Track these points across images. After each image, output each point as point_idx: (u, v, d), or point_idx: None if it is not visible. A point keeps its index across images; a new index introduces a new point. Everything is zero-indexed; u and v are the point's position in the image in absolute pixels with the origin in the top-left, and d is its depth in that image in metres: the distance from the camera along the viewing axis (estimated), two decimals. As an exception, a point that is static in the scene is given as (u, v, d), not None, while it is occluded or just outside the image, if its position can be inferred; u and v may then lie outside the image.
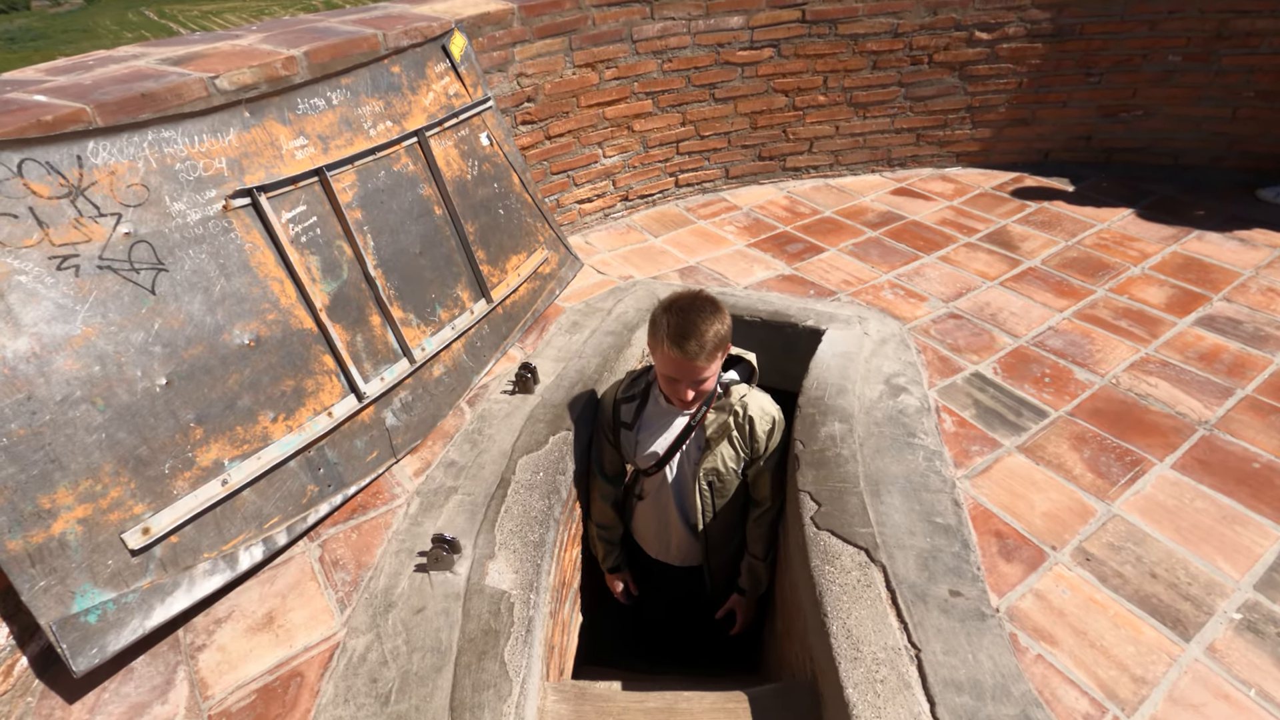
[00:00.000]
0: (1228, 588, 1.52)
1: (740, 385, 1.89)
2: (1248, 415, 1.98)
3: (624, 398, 1.95)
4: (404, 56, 2.13)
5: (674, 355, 1.64)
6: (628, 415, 1.94)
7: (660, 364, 1.72)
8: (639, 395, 1.94)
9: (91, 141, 1.42)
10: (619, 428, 1.95)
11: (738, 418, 1.86)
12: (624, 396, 1.95)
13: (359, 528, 1.77)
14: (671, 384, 1.73)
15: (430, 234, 2.13)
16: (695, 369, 1.65)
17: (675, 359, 1.64)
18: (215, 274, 1.59)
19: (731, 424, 1.86)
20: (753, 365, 1.93)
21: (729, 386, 1.87)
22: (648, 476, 1.97)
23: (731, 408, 1.85)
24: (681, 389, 1.71)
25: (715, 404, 1.85)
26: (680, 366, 1.66)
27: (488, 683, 1.37)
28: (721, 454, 1.88)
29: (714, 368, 1.69)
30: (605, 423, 2.00)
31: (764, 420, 1.87)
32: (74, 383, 1.35)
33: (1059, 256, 2.80)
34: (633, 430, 1.93)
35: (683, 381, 1.69)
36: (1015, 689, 1.32)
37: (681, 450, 1.90)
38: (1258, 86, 3.07)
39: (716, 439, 1.87)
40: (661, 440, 1.90)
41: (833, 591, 1.51)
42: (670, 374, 1.70)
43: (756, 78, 3.19)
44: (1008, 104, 3.36)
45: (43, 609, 1.29)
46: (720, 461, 1.89)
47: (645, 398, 1.93)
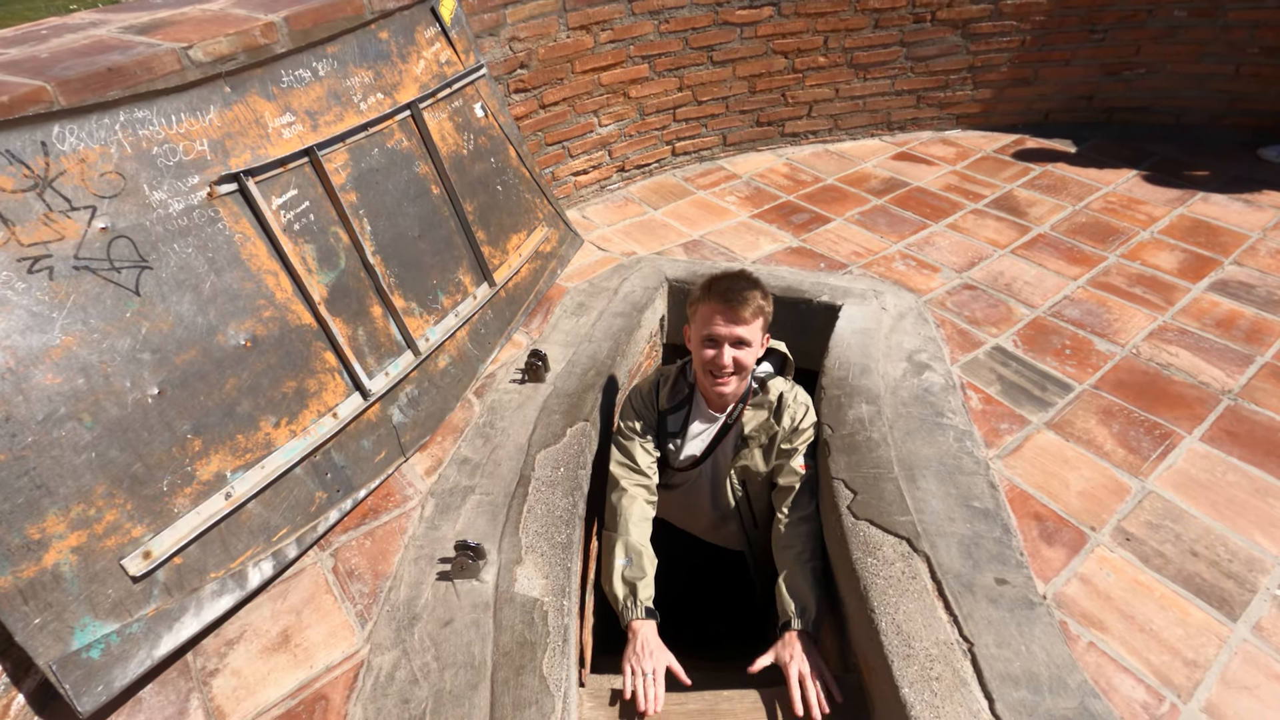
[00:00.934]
0: (1268, 563, 1.51)
1: (777, 379, 1.82)
2: (1270, 383, 1.96)
3: (670, 408, 1.83)
4: (392, 21, 1.95)
5: (718, 307, 1.58)
6: (675, 425, 1.84)
7: (699, 324, 1.64)
8: (684, 402, 1.84)
9: (56, 125, 1.26)
10: (667, 438, 1.85)
11: (773, 411, 1.78)
12: (670, 407, 1.83)
13: (372, 534, 1.67)
14: (711, 347, 1.63)
15: (428, 215, 1.99)
16: (740, 321, 1.58)
17: (720, 310, 1.58)
18: (204, 269, 1.44)
19: (772, 422, 1.78)
20: (785, 355, 1.85)
21: (765, 381, 1.79)
22: (680, 472, 1.89)
23: (770, 404, 1.78)
24: (721, 355, 1.61)
25: (752, 401, 1.78)
26: (725, 317, 1.58)
27: (529, 699, 1.30)
28: (754, 453, 1.80)
29: (756, 334, 1.62)
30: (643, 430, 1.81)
31: (797, 408, 1.79)
32: (57, 399, 1.22)
33: (1067, 222, 2.75)
34: (680, 436, 1.85)
35: (723, 343, 1.61)
36: (1071, 680, 1.29)
37: (718, 450, 1.83)
38: (1262, 42, 3.01)
39: (755, 438, 1.79)
40: (699, 442, 1.83)
41: (878, 585, 1.46)
42: (711, 332, 1.61)
43: (756, 38, 3.04)
44: (1010, 63, 3.27)
45: (40, 649, 1.18)
46: (751, 460, 1.81)
47: (690, 403, 1.83)
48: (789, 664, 1.46)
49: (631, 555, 1.63)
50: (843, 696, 1.45)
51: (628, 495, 1.73)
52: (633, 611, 1.55)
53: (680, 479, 1.91)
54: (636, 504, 1.72)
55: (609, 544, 1.69)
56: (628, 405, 1.86)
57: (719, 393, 1.69)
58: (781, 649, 1.50)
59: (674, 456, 1.86)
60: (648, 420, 1.84)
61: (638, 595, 1.57)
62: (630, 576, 1.59)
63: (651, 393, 1.86)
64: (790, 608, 1.56)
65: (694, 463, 1.84)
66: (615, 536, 1.67)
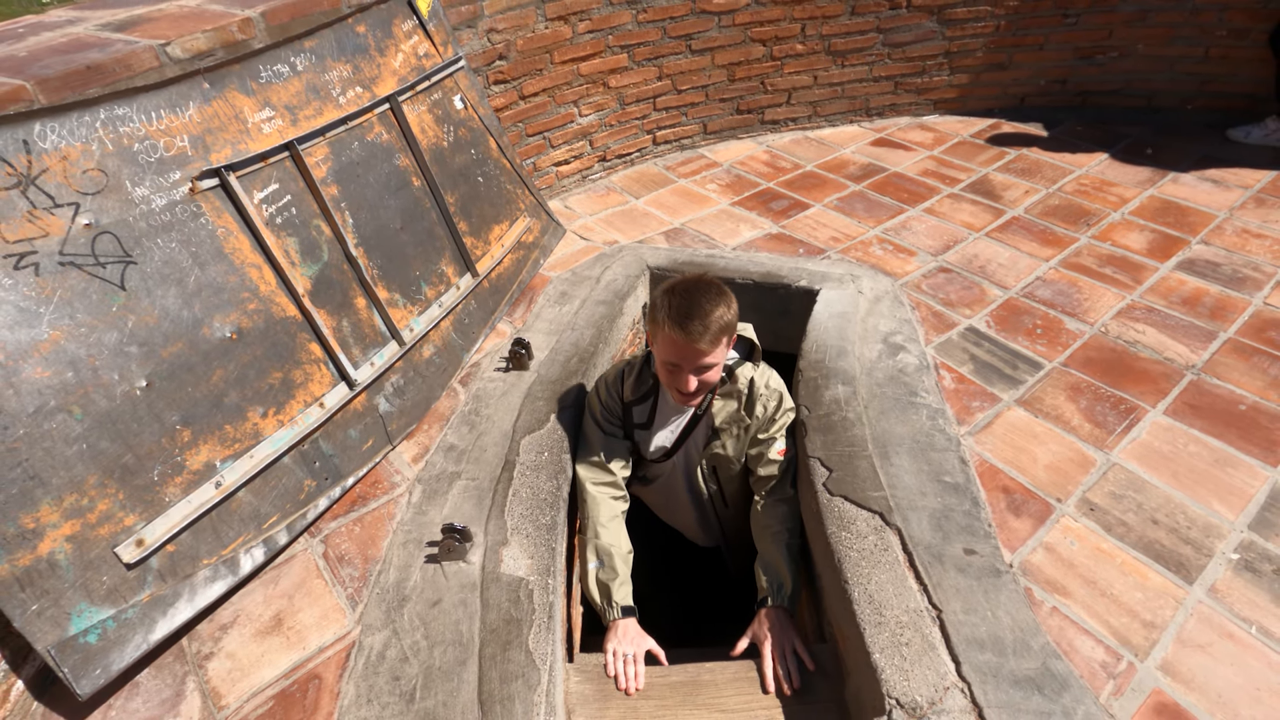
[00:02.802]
0: (1224, 529, 1.58)
1: (746, 365, 1.77)
2: (1231, 358, 2.03)
3: (635, 399, 1.80)
4: (368, 14, 1.97)
5: (676, 337, 1.51)
6: (641, 416, 1.81)
7: (661, 349, 1.58)
8: (650, 393, 1.79)
9: (38, 123, 1.28)
10: (633, 429, 1.82)
11: (744, 400, 1.75)
12: (635, 398, 1.80)
13: (361, 520, 1.71)
14: (672, 372, 1.58)
15: (410, 207, 2.02)
16: (698, 352, 1.51)
17: (677, 341, 1.51)
18: (188, 264, 1.47)
19: (742, 413, 1.75)
20: (753, 341, 1.81)
21: (733, 370, 1.75)
22: (655, 464, 1.89)
23: (739, 392, 1.75)
24: (683, 378, 1.56)
25: (721, 390, 1.75)
26: (682, 350, 1.52)
27: (515, 673, 1.35)
28: (725, 443, 1.78)
29: (719, 354, 1.56)
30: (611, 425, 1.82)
31: (770, 396, 1.76)
32: (46, 392, 1.25)
33: (1041, 204, 2.80)
34: (649, 429, 1.82)
35: (684, 368, 1.55)
36: (1034, 642, 1.35)
37: (689, 440, 1.81)
38: (1230, 25, 3.07)
39: (727, 427, 1.77)
40: (669, 433, 1.81)
41: (851, 557, 1.52)
42: (671, 359, 1.56)
43: (734, 26, 3.07)
44: (985, 48, 3.31)
45: (38, 634, 1.21)
46: (721, 449, 1.79)
47: (656, 393, 1.79)
48: (763, 641, 1.53)
49: (602, 558, 1.66)
50: (817, 664, 1.51)
51: (591, 498, 1.74)
52: (610, 613, 1.60)
53: (656, 471, 1.91)
54: (603, 504, 1.73)
55: (581, 547, 1.73)
56: (593, 397, 1.84)
57: (687, 404, 1.68)
58: (757, 626, 1.56)
59: (644, 448, 1.84)
60: (613, 412, 1.82)
61: (612, 598, 1.61)
62: (604, 579, 1.63)
63: (616, 383, 1.82)
64: (764, 583, 1.62)
65: (665, 454, 1.83)
66: (585, 540, 1.70)
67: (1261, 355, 2.02)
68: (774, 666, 1.49)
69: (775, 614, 1.56)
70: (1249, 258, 2.42)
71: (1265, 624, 1.39)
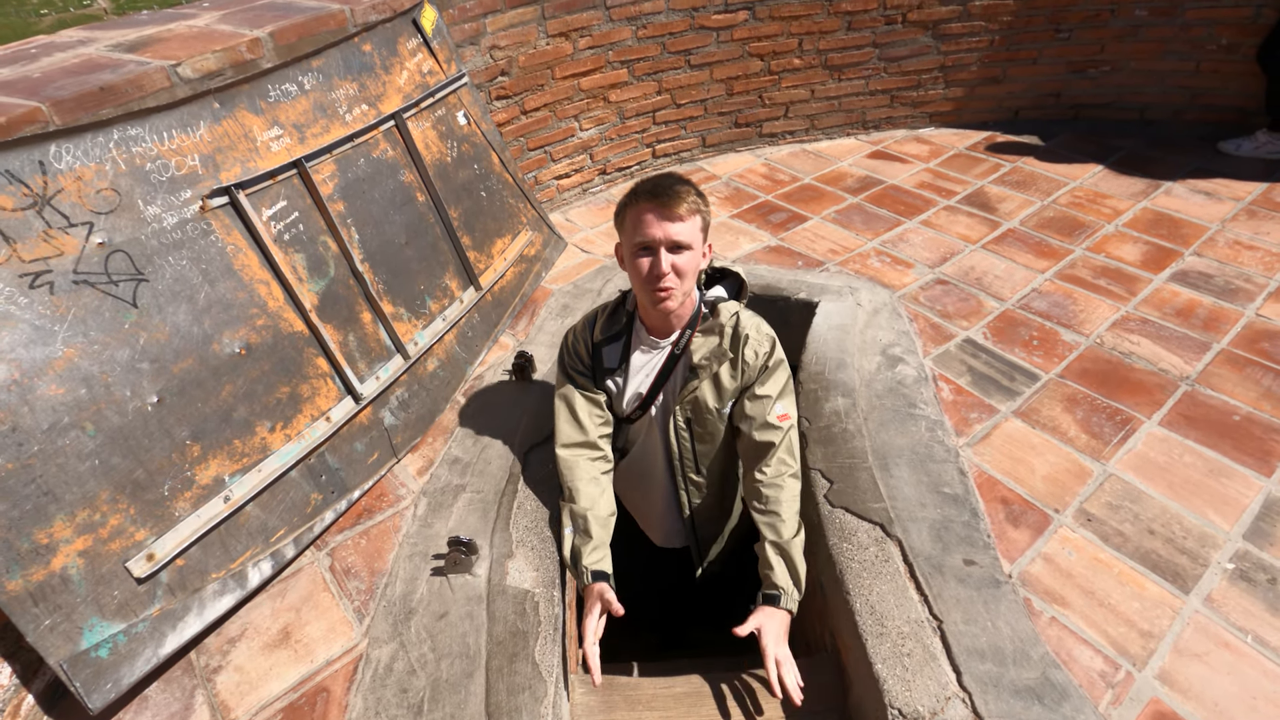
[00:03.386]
0: (1219, 539, 1.60)
1: (730, 303, 1.60)
2: (1225, 369, 2.06)
3: (605, 339, 1.62)
4: (374, 33, 2.00)
5: (646, 206, 1.39)
6: (612, 359, 1.62)
7: (631, 232, 1.44)
8: (622, 332, 1.62)
9: (53, 145, 1.31)
10: (604, 375, 1.64)
11: (727, 338, 1.57)
12: (605, 337, 1.62)
13: (367, 533, 1.73)
14: (645, 255, 1.43)
15: (414, 222, 2.04)
16: (674, 218, 1.38)
17: (648, 210, 1.39)
18: (198, 281, 1.49)
19: (725, 349, 1.57)
20: (741, 279, 1.64)
21: (716, 305, 1.58)
22: (631, 424, 1.69)
23: (721, 328, 1.56)
24: (658, 262, 1.40)
25: (702, 326, 1.57)
26: (656, 217, 1.39)
27: (522, 685, 1.37)
28: (704, 385, 1.59)
29: (694, 235, 1.42)
30: (579, 369, 1.65)
31: (759, 341, 1.57)
32: (60, 409, 1.27)
33: (1036, 217, 2.84)
34: (621, 374, 1.63)
35: (658, 247, 1.40)
36: (1034, 652, 1.37)
37: (666, 386, 1.61)
38: (1220, 40, 3.12)
39: (706, 366, 1.57)
40: (643, 377, 1.61)
41: (853, 569, 1.54)
42: (644, 238, 1.41)
43: (732, 42, 3.11)
44: (980, 62, 3.36)
45: (51, 648, 1.22)
46: (701, 393, 1.59)
47: (629, 333, 1.62)
48: (768, 648, 1.42)
49: (577, 520, 1.56)
50: (820, 675, 1.52)
51: (564, 463, 1.62)
52: (582, 579, 1.51)
53: (633, 434, 1.73)
54: (578, 466, 1.61)
55: (560, 515, 1.62)
56: (563, 347, 1.68)
57: (664, 309, 1.48)
58: (766, 628, 1.44)
59: (618, 400, 1.65)
60: (581, 358, 1.65)
61: (580, 563, 1.51)
62: (577, 544, 1.54)
63: (585, 328, 1.66)
64: (781, 581, 1.49)
65: (641, 404, 1.63)
66: (563, 505, 1.61)
67: (1255, 366, 2.05)
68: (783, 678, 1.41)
69: (786, 621, 1.47)
70: (1241, 269, 2.46)
71: (1261, 633, 1.41)
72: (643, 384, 1.62)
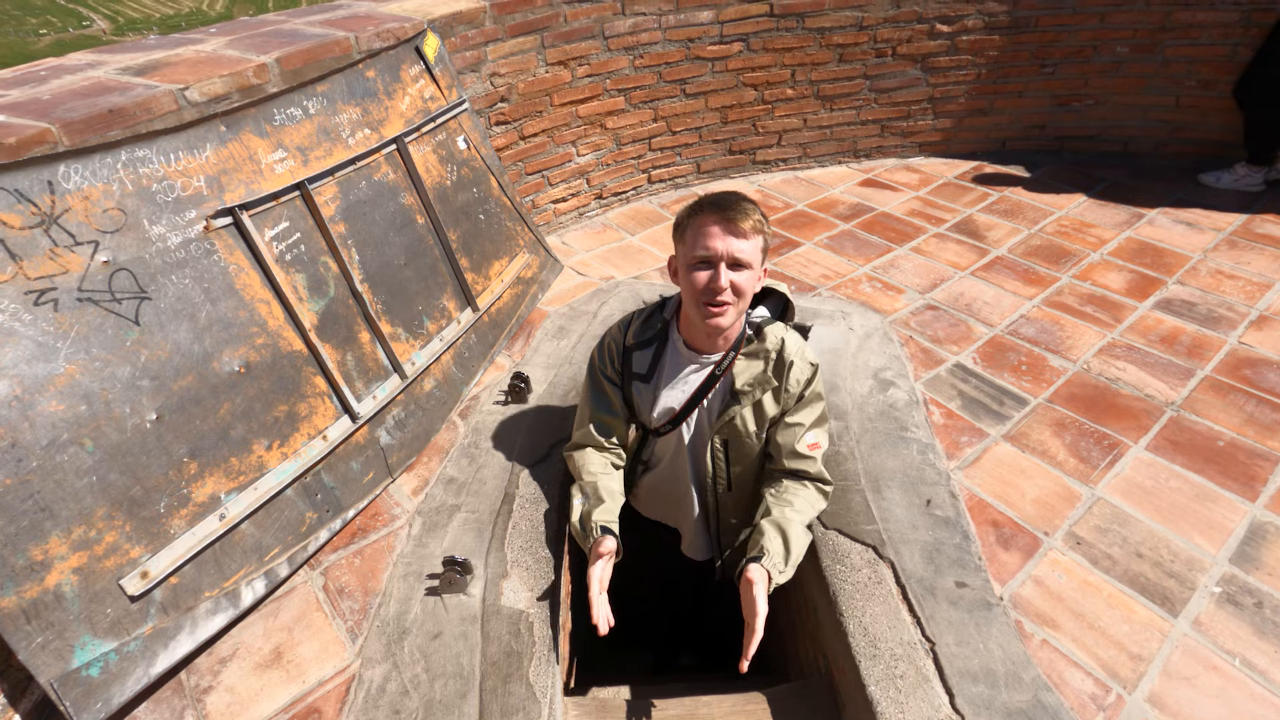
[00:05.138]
0: (1206, 563, 1.62)
1: (776, 324, 1.56)
2: (1209, 395, 2.10)
3: (637, 343, 1.59)
4: (378, 60, 2.05)
5: (711, 219, 1.36)
6: (641, 365, 1.58)
7: (691, 245, 1.40)
8: (655, 339, 1.58)
9: (62, 165, 1.33)
10: (631, 380, 1.61)
11: (773, 363, 1.52)
12: (637, 342, 1.59)
13: (361, 552, 1.73)
14: (704, 268, 1.39)
15: (414, 244, 2.07)
16: (738, 234, 1.36)
17: (713, 224, 1.36)
18: (200, 299, 1.51)
19: (769, 375, 1.52)
20: (787, 298, 1.61)
21: (761, 327, 1.53)
22: (660, 438, 1.64)
23: (767, 353, 1.52)
24: (718, 277, 1.36)
25: (745, 349, 1.53)
26: (722, 231, 1.36)
27: (516, 706, 1.36)
28: (743, 412, 1.54)
29: (755, 255, 1.39)
30: (608, 373, 1.63)
31: (802, 368, 1.53)
32: (60, 425, 1.27)
33: (1023, 245, 2.90)
34: (649, 383, 1.58)
35: (719, 262, 1.37)
36: (1026, 675, 1.39)
37: (702, 405, 1.57)
38: (1199, 76, 3.22)
39: (748, 393, 1.53)
40: (678, 393, 1.57)
41: (846, 590, 1.55)
42: (704, 251, 1.37)
43: (726, 72, 3.19)
44: (967, 95, 3.45)
45: (42, 667, 1.21)
46: (739, 420, 1.55)
47: (664, 340, 1.58)
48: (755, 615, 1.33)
49: (586, 490, 1.57)
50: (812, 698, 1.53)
51: (573, 459, 1.66)
52: (591, 534, 1.48)
53: (660, 450, 1.68)
54: (591, 456, 1.64)
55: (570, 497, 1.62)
56: (595, 349, 1.66)
57: (714, 325, 1.43)
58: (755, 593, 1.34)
59: (645, 410, 1.60)
60: (613, 364, 1.62)
61: (590, 520, 1.50)
62: (586, 509, 1.53)
63: (620, 331, 1.62)
64: (770, 545, 1.42)
65: (672, 419, 1.59)
66: (573, 488, 1.61)
67: (1238, 393, 2.09)
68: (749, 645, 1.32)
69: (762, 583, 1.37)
70: (1223, 298, 2.51)
71: (1248, 656, 1.43)
72: (676, 399, 1.57)
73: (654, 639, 2.80)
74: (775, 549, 1.43)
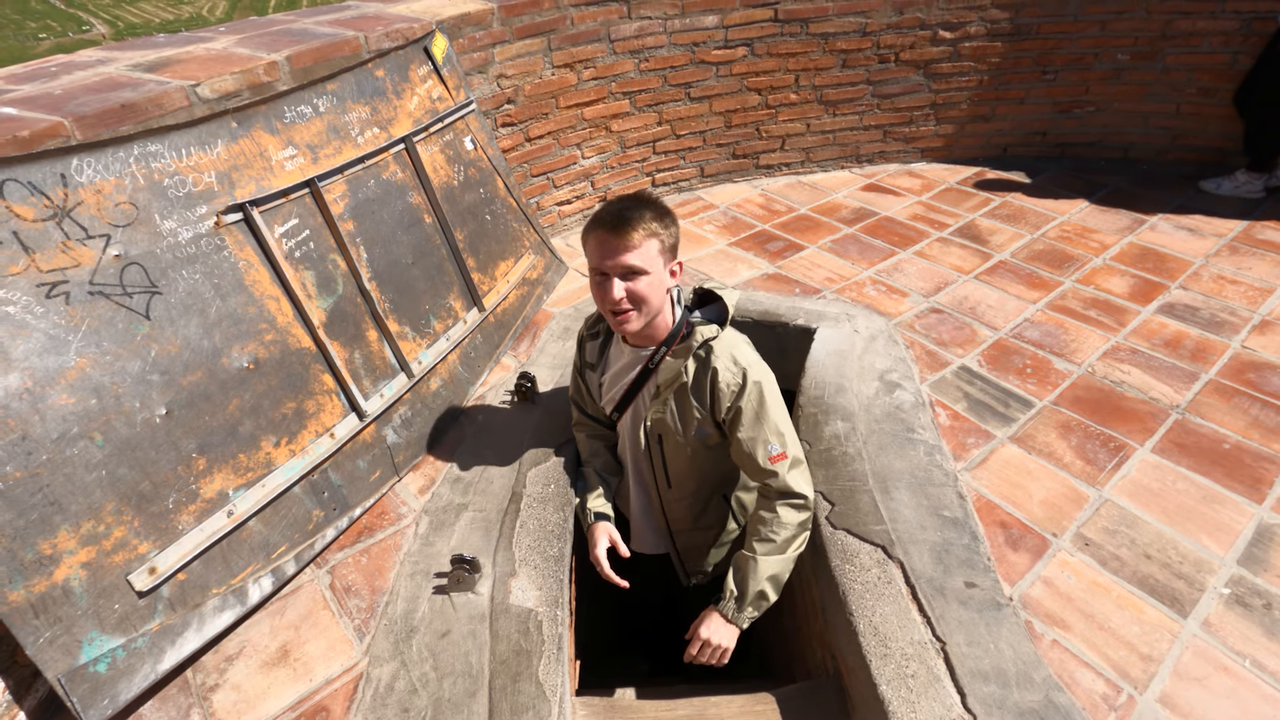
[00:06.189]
0: (1215, 565, 1.62)
1: (709, 326, 1.54)
2: (1214, 398, 2.10)
3: (589, 334, 1.71)
4: (387, 60, 2.05)
5: (598, 235, 1.39)
6: (592, 355, 1.70)
7: (588, 258, 1.45)
8: (603, 331, 1.68)
9: (75, 158, 1.33)
10: (584, 368, 1.74)
11: (697, 363, 1.53)
12: (589, 333, 1.71)
13: (368, 551, 1.72)
14: (599, 283, 1.42)
15: (421, 243, 2.07)
16: (625, 248, 1.36)
17: (599, 239, 1.39)
18: (210, 295, 1.51)
19: (687, 372, 1.53)
20: (726, 305, 1.59)
21: (695, 327, 1.54)
22: (617, 424, 1.75)
23: (692, 351, 1.53)
24: (609, 287, 1.38)
25: (676, 346, 1.54)
26: (605, 247, 1.38)
27: (526, 704, 1.35)
28: (669, 408, 1.57)
29: (651, 260, 1.39)
30: (575, 361, 1.81)
31: (730, 373, 1.50)
32: (70, 419, 1.26)
33: (1026, 249, 2.91)
34: (596, 371, 1.70)
35: (610, 272, 1.39)
36: (1037, 675, 1.38)
37: (639, 397, 1.64)
38: (1199, 84, 3.25)
39: (666, 387, 1.56)
40: (620, 385, 1.65)
41: (855, 590, 1.55)
42: (596, 263, 1.41)
43: (731, 76, 3.20)
44: (969, 101, 3.47)
45: (49, 662, 1.20)
46: (668, 415, 1.58)
47: (610, 334, 1.68)
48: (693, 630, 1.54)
49: (586, 476, 1.80)
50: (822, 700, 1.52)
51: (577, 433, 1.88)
52: (586, 520, 1.72)
53: (621, 436, 1.78)
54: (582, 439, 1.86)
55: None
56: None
57: (623, 332, 1.53)
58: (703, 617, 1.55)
59: (597, 396, 1.73)
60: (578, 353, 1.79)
61: (586, 506, 1.73)
62: (583, 495, 1.76)
63: (583, 326, 1.78)
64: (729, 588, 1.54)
65: (617, 407, 1.69)
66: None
67: (1242, 396, 2.10)
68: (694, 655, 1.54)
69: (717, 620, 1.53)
70: (1226, 302, 2.53)
71: (1259, 658, 1.43)
72: (618, 390, 1.66)
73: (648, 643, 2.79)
74: (729, 591, 1.54)
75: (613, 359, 1.67)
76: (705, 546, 1.82)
